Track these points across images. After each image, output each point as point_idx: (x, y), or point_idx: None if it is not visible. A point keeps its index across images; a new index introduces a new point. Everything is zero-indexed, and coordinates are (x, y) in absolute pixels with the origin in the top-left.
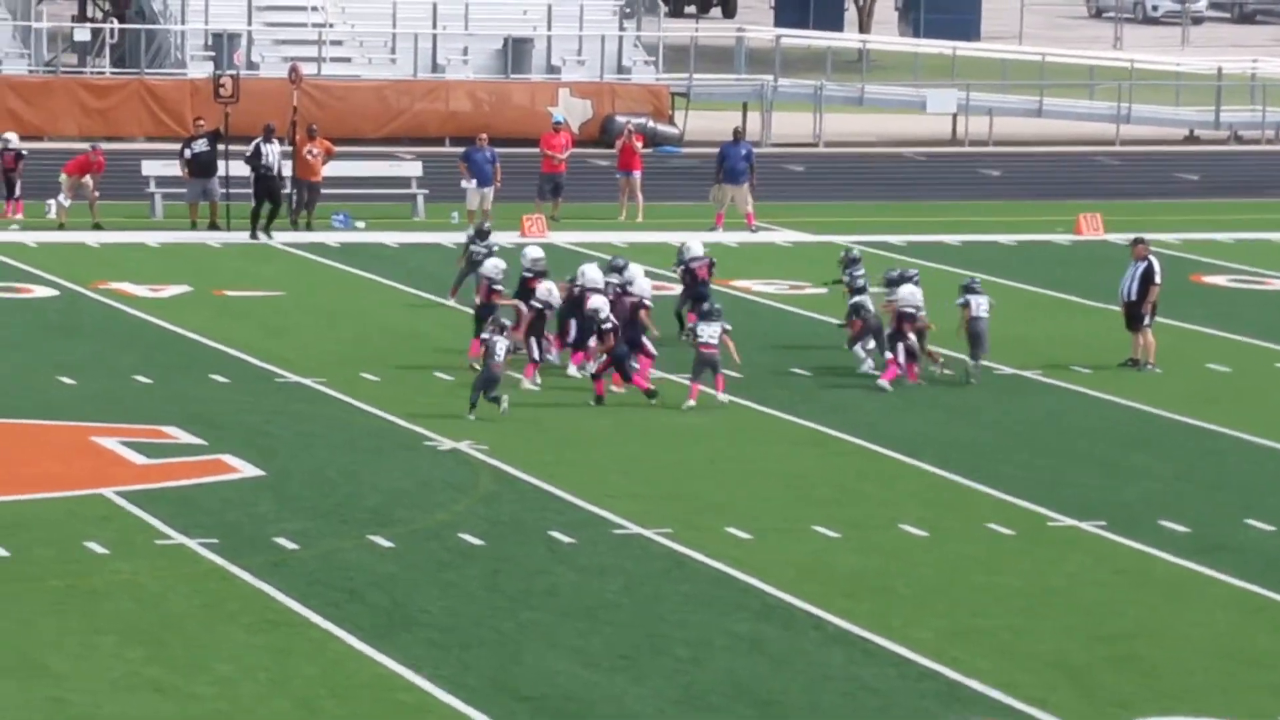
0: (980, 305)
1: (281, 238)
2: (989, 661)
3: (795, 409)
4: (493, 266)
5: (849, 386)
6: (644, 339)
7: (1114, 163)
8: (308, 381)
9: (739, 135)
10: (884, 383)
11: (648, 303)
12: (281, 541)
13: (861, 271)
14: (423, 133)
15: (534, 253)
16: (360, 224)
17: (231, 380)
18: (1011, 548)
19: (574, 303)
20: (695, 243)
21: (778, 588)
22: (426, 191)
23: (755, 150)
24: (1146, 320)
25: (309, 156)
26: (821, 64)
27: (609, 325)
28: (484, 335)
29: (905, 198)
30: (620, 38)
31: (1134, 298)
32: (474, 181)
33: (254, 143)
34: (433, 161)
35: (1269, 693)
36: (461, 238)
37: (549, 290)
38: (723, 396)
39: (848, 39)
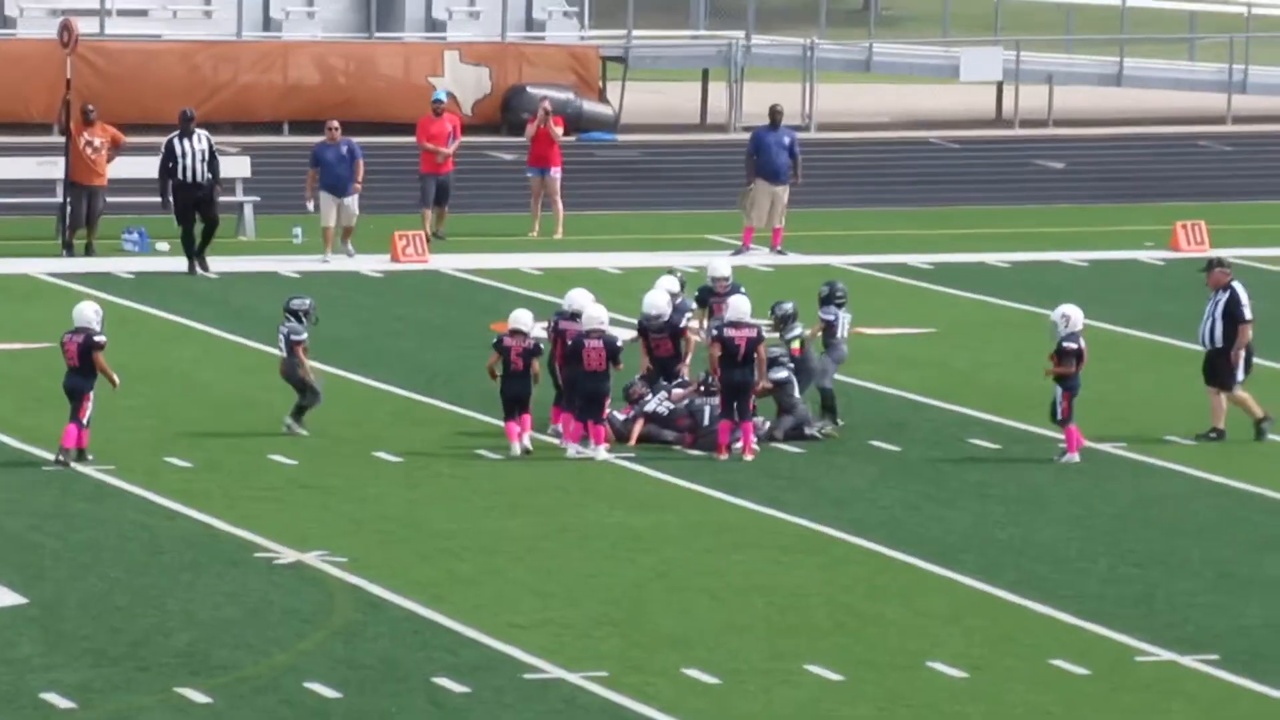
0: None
1: (48, 266)
2: None
3: (783, 500)
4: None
5: (858, 466)
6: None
7: (1224, 148)
8: (90, 471)
9: (778, 117)
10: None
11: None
12: (51, 698)
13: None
14: (251, 116)
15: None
16: (162, 245)
17: None
18: (1086, 693)
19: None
20: (721, 263)
21: None
22: (257, 199)
23: (726, 137)
24: (1239, 375)
25: (89, 151)
26: (813, 14)
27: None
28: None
29: (931, 201)
30: None
31: (1218, 343)
32: (317, 197)
33: (167, 140)
34: (266, 156)
35: None
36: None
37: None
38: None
39: None
